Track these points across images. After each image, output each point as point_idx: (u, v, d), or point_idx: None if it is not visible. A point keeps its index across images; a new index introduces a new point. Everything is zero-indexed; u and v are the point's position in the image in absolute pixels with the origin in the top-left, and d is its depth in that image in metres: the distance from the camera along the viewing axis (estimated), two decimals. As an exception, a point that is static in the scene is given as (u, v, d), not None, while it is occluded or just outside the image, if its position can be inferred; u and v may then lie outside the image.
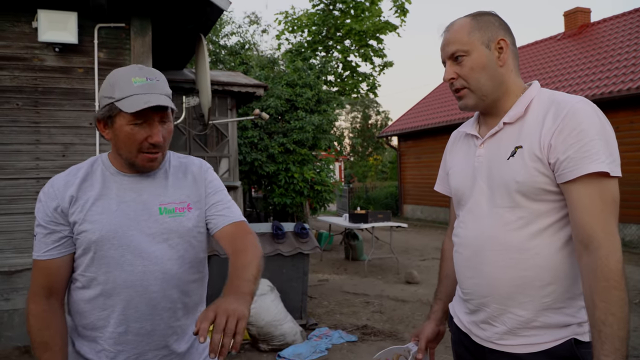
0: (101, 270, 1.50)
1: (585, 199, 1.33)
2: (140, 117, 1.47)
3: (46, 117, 4.27)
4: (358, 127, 36.79)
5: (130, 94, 1.46)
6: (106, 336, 1.52)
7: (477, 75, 1.49)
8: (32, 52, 4.25)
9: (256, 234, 1.64)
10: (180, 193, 1.62)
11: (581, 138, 1.33)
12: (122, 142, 1.51)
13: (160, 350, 1.57)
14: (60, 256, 1.52)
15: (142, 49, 4.47)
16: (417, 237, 12.80)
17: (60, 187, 1.53)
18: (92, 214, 1.50)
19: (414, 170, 17.91)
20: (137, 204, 1.55)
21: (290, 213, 11.02)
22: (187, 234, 1.60)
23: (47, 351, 1.48)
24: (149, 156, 1.52)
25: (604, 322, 1.26)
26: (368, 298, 6.65)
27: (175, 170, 1.67)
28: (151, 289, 1.52)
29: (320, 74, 13.53)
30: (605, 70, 11.70)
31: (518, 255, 1.43)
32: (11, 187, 4.15)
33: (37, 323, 1.50)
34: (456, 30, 1.52)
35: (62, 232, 1.51)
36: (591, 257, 1.31)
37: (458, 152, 1.69)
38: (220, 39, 18.92)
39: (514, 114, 1.48)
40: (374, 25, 18.92)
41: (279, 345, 4.60)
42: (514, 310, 1.44)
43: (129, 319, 1.51)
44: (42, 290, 1.51)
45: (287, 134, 10.65)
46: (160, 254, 1.54)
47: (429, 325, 1.76)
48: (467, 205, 1.58)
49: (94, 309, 1.52)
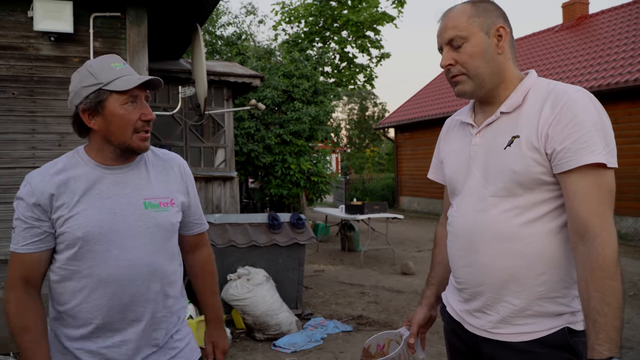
0: (85, 264, 1.52)
1: (582, 190, 1.33)
2: (131, 97, 1.51)
3: (42, 107, 4.25)
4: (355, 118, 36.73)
5: (118, 76, 1.51)
6: (90, 327, 1.54)
7: (476, 62, 1.47)
8: (27, 42, 4.23)
9: (252, 224, 1.73)
10: (164, 188, 1.65)
11: (578, 129, 1.33)
12: (116, 126, 1.51)
13: (144, 340, 1.59)
14: (38, 251, 1.53)
15: (137, 39, 4.44)
16: (413, 229, 12.84)
17: (37, 184, 1.52)
18: (77, 210, 1.51)
19: (411, 162, 17.92)
20: (121, 198, 1.56)
21: (287, 204, 11.02)
22: (171, 228, 1.65)
23: (29, 333, 1.50)
24: (144, 135, 1.55)
25: (598, 312, 1.26)
26: (364, 289, 6.68)
27: (155, 163, 1.68)
28: (136, 282, 1.55)
29: (317, 65, 13.49)
30: (603, 62, 11.70)
31: (512, 244, 1.43)
32: (7, 177, 4.14)
33: (16, 309, 1.51)
34: (455, 16, 1.50)
35: (41, 228, 1.52)
36: (586, 247, 1.31)
37: (453, 140, 1.69)
38: (217, 30, 18.81)
39: (512, 103, 1.48)
40: (371, 16, 18.83)
41: (274, 335, 4.62)
42: (508, 299, 1.45)
43: (113, 311, 1.54)
44: (20, 281, 1.53)
45: (283, 125, 10.63)
46: (145, 247, 1.57)
47: (421, 311, 1.76)
48: (461, 194, 1.58)
49: (77, 301, 1.53)
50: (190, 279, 1.91)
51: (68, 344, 1.56)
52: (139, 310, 1.56)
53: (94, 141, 1.58)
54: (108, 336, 1.55)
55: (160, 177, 1.66)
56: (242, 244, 4.97)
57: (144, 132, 1.55)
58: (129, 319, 1.56)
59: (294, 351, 4.40)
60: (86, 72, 1.53)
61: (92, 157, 1.58)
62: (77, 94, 1.53)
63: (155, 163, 1.68)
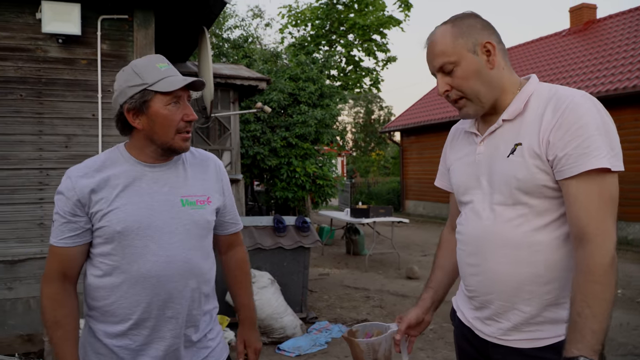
0: (125, 259, 1.54)
1: (583, 196, 1.32)
2: (174, 97, 1.53)
3: (49, 108, 4.28)
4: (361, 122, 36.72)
5: (163, 76, 1.53)
6: (128, 324, 1.56)
7: (471, 84, 1.45)
8: (35, 43, 4.25)
9: (257, 227, 1.74)
10: (201, 186, 1.67)
11: (580, 134, 1.32)
12: (160, 126, 1.54)
13: (179, 338, 1.61)
14: (74, 245, 1.55)
15: (145, 41, 4.47)
16: (418, 233, 12.81)
17: (78, 179, 1.54)
18: (117, 204, 1.53)
19: (417, 166, 17.90)
20: (159, 195, 1.58)
21: (292, 207, 11.03)
22: (207, 226, 1.68)
23: (60, 329, 1.53)
24: (185, 135, 1.58)
25: (578, 314, 1.25)
26: (368, 293, 6.66)
27: (192, 161, 1.71)
28: (174, 278, 1.56)
29: (323, 68, 13.51)
30: (611, 67, 11.65)
31: (519, 251, 1.42)
32: (15, 177, 4.16)
33: (50, 303, 1.54)
34: (438, 41, 1.47)
35: (79, 223, 1.54)
36: (579, 251, 1.31)
37: (458, 148, 1.68)
38: (224, 32, 18.87)
39: (513, 111, 1.47)
40: (377, 20, 18.86)
41: (279, 338, 4.62)
42: (519, 306, 1.44)
43: (152, 308, 1.55)
44: (56, 274, 1.56)
45: (289, 127, 10.64)
46: (182, 244, 1.59)
47: (414, 311, 1.72)
48: (469, 202, 1.57)
49: (116, 296, 1.55)
50: (224, 279, 1.92)
51: (107, 341, 1.57)
52: (176, 307, 1.58)
53: (136, 140, 1.60)
54: (145, 333, 1.57)
55: (198, 176, 1.69)
56: (247, 246, 4.93)
57: (186, 133, 1.57)
58: (166, 315, 1.57)
59: (299, 355, 4.39)
60: (132, 71, 1.55)
61: (134, 154, 1.61)
62: (122, 93, 1.54)
63: (193, 162, 1.71)
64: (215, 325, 1.77)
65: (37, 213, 4.21)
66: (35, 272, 4.18)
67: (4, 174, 4.14)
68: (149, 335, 1.57)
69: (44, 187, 4.23)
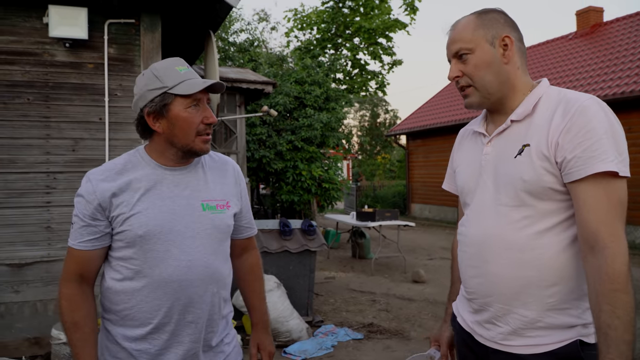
0: (147, 263, 1.53)
1: (591, 199, 1.31)
2: (194, 100, 1.53)
3: (56, 112, 4.29)
4: (366, 125, 36.74)
5: (183, 79, 1.53)
6: (148, 328, 1.55)
7: (482, 73, 1.48)
8: (42, 47, 4.27)
9: (263, 230, 1.75)
10: (220, 190, 1.67)
11: (589, 137, 1.32)
12: (180, 129, 1.54)
13: (198, 343, 1.61)
14: (93, 249, 1.55)
15: (151, 45, 4.48)
16: (424, 237, 12.77)
17: (99, 183, 1.53)
18: (138, 209, 1.52)
19: (422, 169, 17.87)
20: (181, 199, 1.58)
21: (298, 210, 11.03)
22: (227, 230, 1.68)
23: (78, 331, 1.53)
24: (206, 138, 1.57)
25: (609, 326, 1.25)
26: (374, 296, 6.64)
27: (212, 165, 1.71)
28: (195, 283, 1.56)
29: (329, 72, 13.53)
30: (618, 70, 11.60)
31: (522, 254, 1.41)
32: (22, 181, 4.18)
33: (68, 305, 1.54)
34: (460, 28, 1.52)
35: (99, 227, 1.54)
36: (596, 258, 1.30)
37: (465, 150, 1.68)
38: (230, 36, 18.93)
39: (522, 112, 1.47)
40: (383, 23, 18.87)
41: (284, 342, 4.61)
42: (518, 310, 1.43)
43: (172, 312, 1.55)
44: (74, 275, 1.56)
45: (295, 131, 10.65)
46: (204, 249, 1.59)
47: (447, 329, 1.76)
48: (472, 203, 1.57)
49: (137, 300, 1.55)
50: (237, 282, 1.93)
51: (126, 345, 1.57)
52: (196, 312, 1.58)
53: (157, 143, 1.60)
54: (164, 337, 1.57)
55: (217, 180, 1.69)
56: (253, 250, 4.97)
57: (206, 135, 1.57)
58: (186, 320, 1.57)
59: (304, 358, 4.38)
60: (152, 75, 1.55)
61: (154, 158, 1.60)
62: (142, 97, 1.55)
63: (212, 166, 1.71)
64: (231, 329, 1.78)
65: (44, 216, 4.23)
66: (42, 276, 4.19)
67: (11, 178, 4.16)
68: (169, 339, 1.57)
69: (50, 191, 4.25)
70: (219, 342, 1.68)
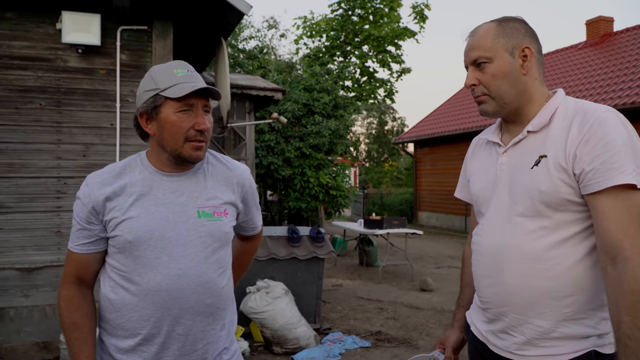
0: (136, 271, 1.50)
1: (611, 211, 1.30)
2: (186, 105, 1.49)
3: (68, 117, 4.33)
4: (374, 132, 36.74)
5: (176, 82, 1.49)
6: (137, 339, 1.51)
7: (499, 83, 1.47)
8: (55, 53, 4.31)
9: (272, 237, 1.71)
10: (220, 197, 1.61)
11: (608, 149, 1.31)
12: (168, 132, 1.50)
13: (190, 356, 1.54)
14: (88, 252, 1.54)
15: (163, 51, 4.51)
16: (432, 245, 12.72)
17: (95, 186, 1.52)
18: (130, 214, 1.50)
19: (430, 178, 17.82)
20: (175, 205, 1.54)
21: (305, 217, 11.03)
22: (223, 238, 1.60)
23: (77, 331, 1.52)
24: (196, 144, 1.51)
25: (629, 337, 1.23)
26: (382, 304, 6.62)
27: (215, 171, 1.65)
28: (186, 292, 1.50)
29: (337, 79, 13.55)
30: (628, 80, 11.55)
31: (538, 265, 1.40)
32: (33, 186, 4.21)
33: (67, 306, 1.54)
34: (480, 35, 1.50)
35: (93, 231, 1.53)
36: (617, 269, 1.28)
37: (479, 159, 1.67)
38: (239, 43, 19.04)
39: (539, 122, 1.46)
40: (392, 31, 18.91)
41: (292, 349, 4.60)
42: (533, 320, 1.42)
43: (162, 324, 1.50)
44: (72, 277, 1.56)
45: (303, 138, 10.67)
46: (196, 257, 1.53)
47: (454, 333, 1.75)
48: (487, 213, 1.56)
49: (126, 309, 1.51)
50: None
51: (118, 356, 1.53)
52: (187, 323, 1.52)
53: (152, 147, 1.58)
54: (153, 350, 1.52)
55: (218, 187, 1.62)
56: (261, 256, 4.97)
57: (197, 142, 1.51)
58: (176, 332, 1.51)
59: (312, 366, 4.36)
60: (149, 76, 1.54)
61: (152, 162, 1.58)
62: (139, 97, 1.54)
63: (214, 172, 1.65)
64: (232, 343, 1.68)
65: (54, 221, 4.25)
66: (52, 280, 4.21)
67: (22, 182, 4.19)
68: (158, 352, 1.51)
69: (61, 196, 4.27)
70: (216, 356, 1.60)
